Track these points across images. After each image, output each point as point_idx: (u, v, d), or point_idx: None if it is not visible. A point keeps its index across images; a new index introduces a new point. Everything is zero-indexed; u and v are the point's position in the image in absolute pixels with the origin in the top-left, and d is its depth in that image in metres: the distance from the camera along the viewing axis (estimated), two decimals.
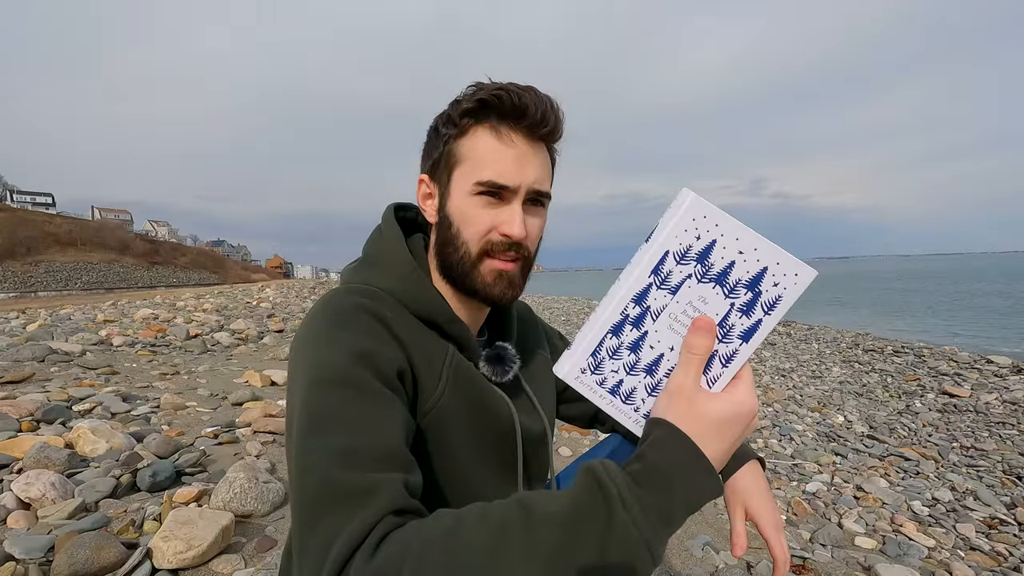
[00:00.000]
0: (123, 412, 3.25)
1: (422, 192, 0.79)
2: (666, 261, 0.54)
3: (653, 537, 0.48)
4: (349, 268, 0.81)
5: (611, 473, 0.51)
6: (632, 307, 0.56)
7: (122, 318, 10.05)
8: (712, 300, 0.54)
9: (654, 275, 0.54)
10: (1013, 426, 4.60)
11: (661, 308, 0.55)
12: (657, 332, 0.56)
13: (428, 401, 0.70)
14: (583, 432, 3.58)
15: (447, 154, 0.74)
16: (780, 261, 0.51)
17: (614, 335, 0.57)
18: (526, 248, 0.74)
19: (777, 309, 0.53)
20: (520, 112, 0.70)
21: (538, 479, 0.90)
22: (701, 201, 0.51)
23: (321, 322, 0.67)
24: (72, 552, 1.42)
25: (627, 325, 0.57)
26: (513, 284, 0.75)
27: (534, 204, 0.75)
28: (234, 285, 43.63)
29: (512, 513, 0.50)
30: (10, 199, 70.95)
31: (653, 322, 0.56)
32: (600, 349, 0.58)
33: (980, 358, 7.28)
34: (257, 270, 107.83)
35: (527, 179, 0.71)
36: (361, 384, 0.61)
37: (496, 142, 0.71)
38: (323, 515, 0.51)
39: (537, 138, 0.73)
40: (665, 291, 0.55)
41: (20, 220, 56.36)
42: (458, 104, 0.72)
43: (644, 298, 0.55)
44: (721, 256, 0.52)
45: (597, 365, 0.59)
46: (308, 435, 0.57)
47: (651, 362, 0.58)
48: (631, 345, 0.57)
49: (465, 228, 0.73)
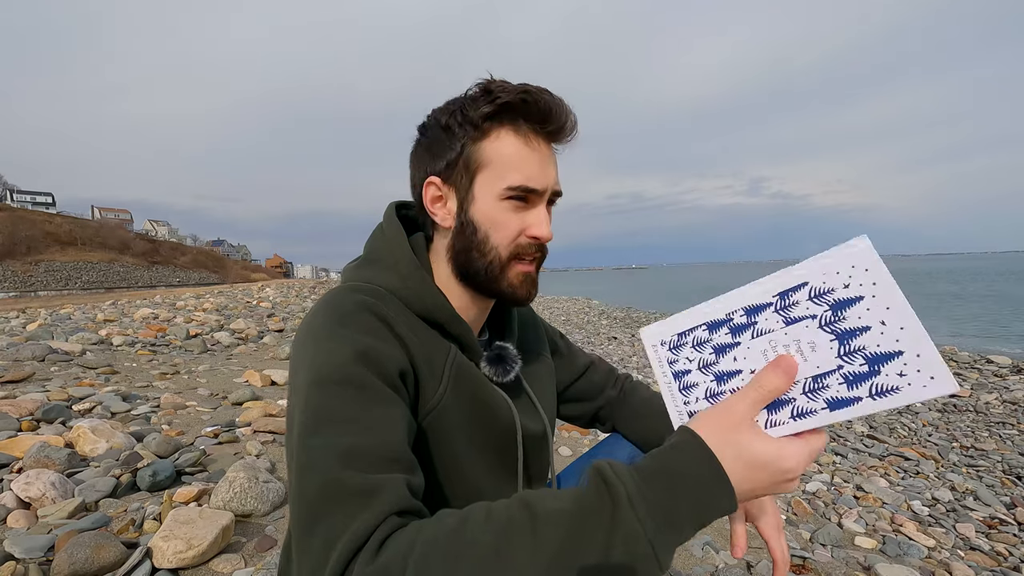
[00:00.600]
0: (123, 412, 3.24)
1: (430, 195, 0.76)
2: (799, 291, 0.50)
3: (658, 537, 0.47)
4: (350, 266, 0.81)
5: (618, 472, 0.50)
6: (740, 315, 0.54)
7: (122, 317, 10.05)
8: (822, 351, 0.49)
9: (779, 298, 0.51)
10: (1013, 426, 4.60)
11: (766, 330, 0.52)
12: (749, 349, 0.53)
13: (429, 401, 0.70)
14: (583, 432, 3.58)
15: (467, 157, 0.72)
16: (921, 354, 0.44)
17: (708, 330, 0.56)
18: (546, 249, 0.76)
19: (886, 400, 0.46)
20: (545, 116, 0.71)
21: (538, 479, 0.90)
22: (872, 254, 0.46)
23: (323, 320, 0.66)
24: (72, 551, 1.42)
25: (725, 328, 0.55)
26: (536, 284, 0.77)
27: (550, 205, 0.76)
28: (234, 285, 43.62)
29: (516, 512, 0.49)
30: (10, 199, 70.93)
31: (751, 339, 0.53)
32: (688, 335, 0.58)
33: (980, 358, 7.29)
34: (257, 269, 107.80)
35: (551, 182, 0.73)
36: (363, 383, 0.60)
37: (523, 146, 0.71)
38: (325, 515, 0.51)
39: (556, 141, 0.74)
40: (781, 317, 0.51)
41: (20, 220, 56.35)
42: (475, 104, 0.71)
43: (757, 313, 0.53)
44: (859, 316, 0.47)
45: (677, 346, 0.59)
46: (309, 434, 0.57)
47: (726, 372, 0.55)
48: (718, 347, 0.56)
49: (495, 233, 0.73)
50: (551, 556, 0.46)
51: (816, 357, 0.49)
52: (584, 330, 12.85)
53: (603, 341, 10.92)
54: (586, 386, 1.04)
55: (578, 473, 1.02)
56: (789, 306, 0.50)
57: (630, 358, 8.88)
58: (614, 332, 12.02)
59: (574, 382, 1.04)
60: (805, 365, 0.50)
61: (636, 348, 9.91)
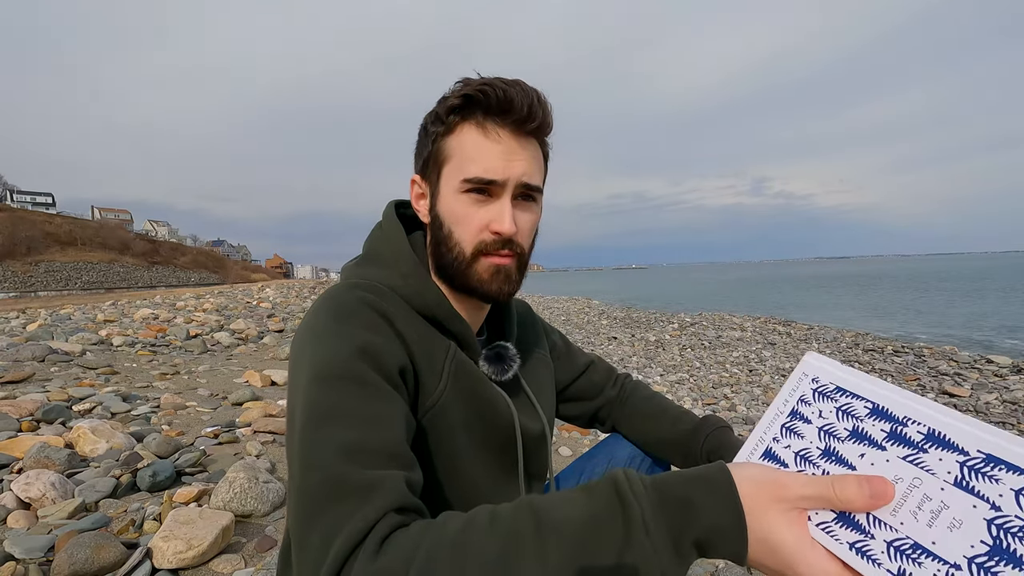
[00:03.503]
0: (123, 412, 3.24)
1: (415, 192, 0.79)
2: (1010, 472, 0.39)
3: (671, 568, 0.44)
4: (349, 265, 0.80)
5: (635, 490, 0.47)
6: (918, 430, 0.44)
7: (122, 318, 10.05)
8: (960, 534, 0.38)
9: (986, 460, 0.40)
10: (1013, 426, 4.60)
11: (928, 468, 0.42)
12: (888, 464, 0.44)
13: (429, 399, 0.70)
14: (583, 432, 3.58)
15: (435, 152, 0.73)
16: None
17: (871, 412, 0.48)
18: (519, 244, 0.73)
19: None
20: (506, 107, 0.69)
21: (537, 478, 0.90)
22: None
23: (324, 317, 0.66)
24: (72, 552, 1.42)
25: (888, 424, 0.46)
26: (510, 279, 0.75)
27: (525, 199, 0.74)
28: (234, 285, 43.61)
29: (523, 518, 0.48)
30: (10, 199, 70.95)
31: (903, 461, 0.44)
32: (846, 396, 0.50)
33: (980, 358, 7.29)
34: (257, 270, 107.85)
35: (514, 173, 0.70)
36: (363, 379, 0.60)
37: (482, 138, 0.70)
38: (324, 510, 0.51)
39: (525, 133, 0.72)
40: (959, 475, 0.40)
41: (20, 220, 56.39)
42: (445, 101, 0.72)
43: (940, 447, 0.42)
44: None
45: (824, 394, 0.51)
46: (309, 429, 0.56)
47: (840, 458, 0.47)
48: (859, 433, 0.47)
49: (457, 228, 0.72)
50: (556, 569, 0.45)
51: (944, 532, 0.39)
52: (584, 330, 12.85)
53: (603, 341, 10.91)
54: (586, 385, 1.04)
55: (577, 474, 1.01)
56: (985, 475, 0.39)
57: (630, 358, 8.87)
58: (614, 332, 12.01)
59: (573, 381, 1.04)
60: (921, 529, 0.40)
61: (636, 348, 9.91)
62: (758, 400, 5.95)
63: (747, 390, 6.42)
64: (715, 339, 10.24)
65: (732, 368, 7.72)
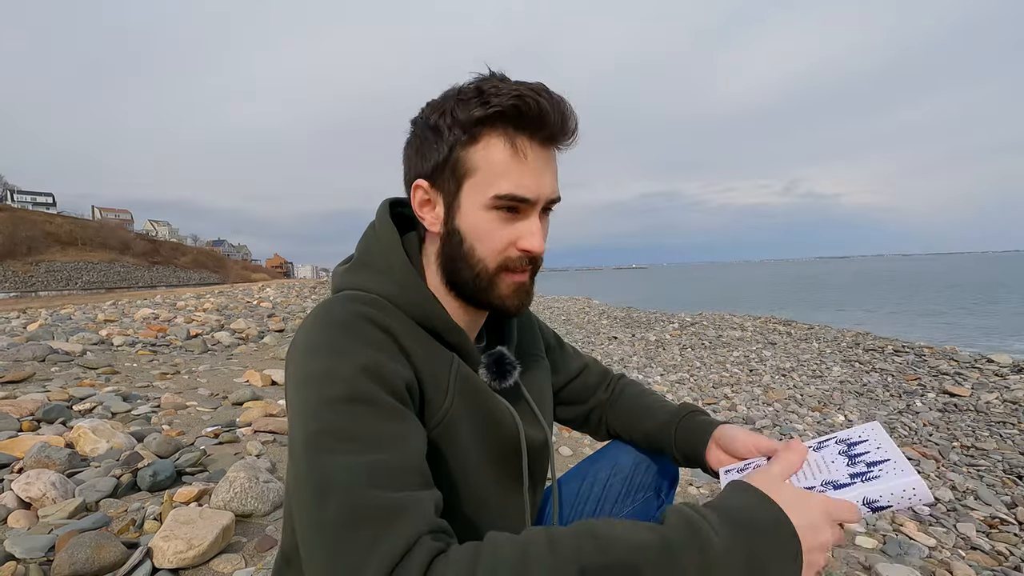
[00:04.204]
0: (123, 412, 3.24)
1: (419, 198, 0.73)
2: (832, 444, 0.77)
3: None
4: (340, 270, 0.77)
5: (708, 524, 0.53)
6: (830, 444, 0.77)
7: (122, 318, 10.05)
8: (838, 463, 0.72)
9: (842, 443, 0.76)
10: (1013, 425, 4.60)
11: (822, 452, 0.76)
12: None
13: (435, 414, 0.68)
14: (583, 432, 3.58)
15: (454, 162, 0.68)
16: (898, 460, 0.67)
17: None
18: (541, 259, 0.73)
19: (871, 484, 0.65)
20: (539, 122, 0.66)
21: (539, 484, 0.89)
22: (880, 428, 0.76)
23: (323, 333, 0.63)
24: (72, 551, 1.42)
25: None
26: (528, 295, 0.74)
27: (545, 212, 0.72)
28: (234, 285, 43.62)
29: (586, 547, 0.50)
30: (10, 199, 70.92)
31: None
32: None
33: (981, 357, 7.27)
34: (257, 269, 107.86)
35: (545, 191, 0.69)
36: (373, 400, 0.58)
37: (512, 152, 0.66)
38: (352, 537, 0.49)
39: (553, 146, 0.70)
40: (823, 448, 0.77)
41: (20, 220, 56.42)
42: (466, 107, 0.66)
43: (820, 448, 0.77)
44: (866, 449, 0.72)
45: None
46: (323, 453, 0.54)
47: None
48: None
49: (480, 245, 0.69)
50: None
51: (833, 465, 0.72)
52: (584, 330, 12.84)
53: (603, 341, 10.91)
54: (579, 388, 1.04)
55: (580, 479, 1.01)
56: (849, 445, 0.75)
57: (630, 358, 8.87)
58: (614, 332, 12.01)
59: (567, 384, 1.03)
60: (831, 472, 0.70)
61: (636, 348, 9.91)
62: (758, 400, 5.95)
63: (747, 390, 6.42)
64: (715, 339, 10.24)
65: (732, 368, 7.71)
